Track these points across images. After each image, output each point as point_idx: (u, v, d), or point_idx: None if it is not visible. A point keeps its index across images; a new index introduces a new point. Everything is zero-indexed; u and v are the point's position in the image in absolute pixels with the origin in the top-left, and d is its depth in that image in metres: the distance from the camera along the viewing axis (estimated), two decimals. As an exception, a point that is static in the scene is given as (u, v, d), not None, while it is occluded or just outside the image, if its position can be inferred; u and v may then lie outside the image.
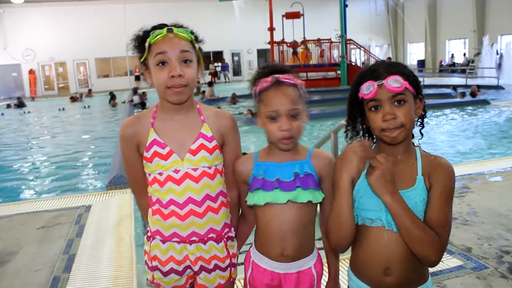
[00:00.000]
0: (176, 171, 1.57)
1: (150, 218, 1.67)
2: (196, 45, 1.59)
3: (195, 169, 1.58)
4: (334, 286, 1.72)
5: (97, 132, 12.42)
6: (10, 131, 13.57)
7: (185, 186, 1.57)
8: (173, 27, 1.56)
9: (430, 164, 1.37)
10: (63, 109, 18.77)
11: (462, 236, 3.39)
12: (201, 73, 1.64)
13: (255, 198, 1.57)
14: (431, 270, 1.53)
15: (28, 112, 18.43)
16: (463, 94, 14.70)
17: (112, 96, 18.97)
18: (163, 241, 1.63)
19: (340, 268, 3.04)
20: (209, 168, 1.60)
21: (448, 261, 3.00)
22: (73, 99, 21.57)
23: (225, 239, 1.66)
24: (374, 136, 1.46)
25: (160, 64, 1.53)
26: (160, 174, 1.59)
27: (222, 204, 1.65)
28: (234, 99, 15.49)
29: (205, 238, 1.62)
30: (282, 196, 1.53)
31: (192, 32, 1.60)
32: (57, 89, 28.48)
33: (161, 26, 1.58)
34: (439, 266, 2.91)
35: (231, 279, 1.73)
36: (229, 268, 1.69)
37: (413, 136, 1.45)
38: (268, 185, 1.55)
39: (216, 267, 1.66)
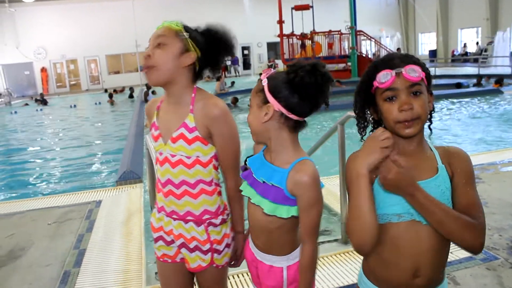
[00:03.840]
0: (160, 154, 1.71)
1: None
2: (185, 33, 1.65)
3: (173, 156, 1.67)
4: None
5: (107, 128, 12.52)
6: (22, 128, 13.73)
7: (165, 169, 1.70)
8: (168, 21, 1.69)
9: (447, 153, 1.34)
10: (75, 106, 18.95)
11: (472, 227, 3.35)
12: (189, 60, 1.65)
13: (243, 185, 1.61)
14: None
15: (41, 109, 18.63)
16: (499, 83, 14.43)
17: (110, 95, 19.11)
18: (158, 211, 1.79)
19: (346, 262, 3.00)
20: (188, 158, 1.65)
21: (457, 252, 2.96)
22: (116, 91, 22.07)
23: (205, 224, 1.71)
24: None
25: None
26: (159, 153, 1.74)
27: (202, 191, 1.69)
28: (234, 103, 13.91)
29: (186, 218, 1.71)
30: (251, 193, 1.54)
31: (186, 28, 1.69)
32: (68, 86, 28.75)
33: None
34: (448, 258, 2.88)
35: (214, 265, 1.75)
36: (210, 253, 1.72)
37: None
38: (247, 177, 1.57)
39: (197, 248, 1.72)
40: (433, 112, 1.40)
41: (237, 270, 2.90)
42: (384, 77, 1.27)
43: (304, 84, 1.39)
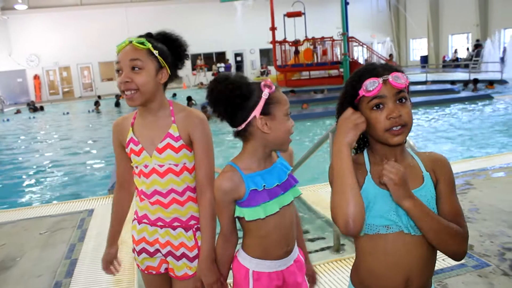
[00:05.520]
0: (146, 166, 1.73)
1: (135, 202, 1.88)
2: (155, 52, 1.67)
3: (161, 166, 1.71)
4: (311, 267, 1.82)
5: (99, 136, 12.46)
6: (14, 136, 13.64)
7: (152, 180, 1.72)
8: (133, 39, 1.68)
9: (430, 160, 1.35)
10: (67, 113, 18.87)
11: (463, 233, 3.36)
12: (165, 77, 1.71)
13: (267, 210, 1.51)
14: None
15: (34, 117, 18.53)
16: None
17: (95, 103, 19.00)
18: (139, 222, 1.80)
19: (338, 270, 2.99)
20: (176, 165, 1.71)
21: (449, 260, 2.96)
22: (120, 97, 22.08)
23: (194, 229, 1.75)
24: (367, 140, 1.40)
25: (120, 72, 1.68)
26: (136, 167, 1.77)
27: (189, 198, 1.75)
28: None
29: (173, 225, 1.74)
30: (287, 198, 1.57)
31: (153, 44, 1.68)
32: (61, 94, 28.62)
33: (149, 34, 1.76)
34: (440, 265, 2.89)
35: None
36: (197, 260, 1.74)
37: None
38: (272, 194, 1.52)
39: (184, 255, 1.75)
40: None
41: None
42: (371, 85, 1.27)
43: None
